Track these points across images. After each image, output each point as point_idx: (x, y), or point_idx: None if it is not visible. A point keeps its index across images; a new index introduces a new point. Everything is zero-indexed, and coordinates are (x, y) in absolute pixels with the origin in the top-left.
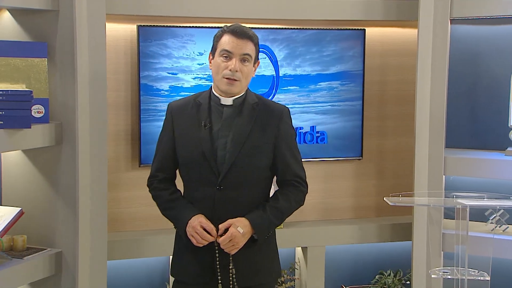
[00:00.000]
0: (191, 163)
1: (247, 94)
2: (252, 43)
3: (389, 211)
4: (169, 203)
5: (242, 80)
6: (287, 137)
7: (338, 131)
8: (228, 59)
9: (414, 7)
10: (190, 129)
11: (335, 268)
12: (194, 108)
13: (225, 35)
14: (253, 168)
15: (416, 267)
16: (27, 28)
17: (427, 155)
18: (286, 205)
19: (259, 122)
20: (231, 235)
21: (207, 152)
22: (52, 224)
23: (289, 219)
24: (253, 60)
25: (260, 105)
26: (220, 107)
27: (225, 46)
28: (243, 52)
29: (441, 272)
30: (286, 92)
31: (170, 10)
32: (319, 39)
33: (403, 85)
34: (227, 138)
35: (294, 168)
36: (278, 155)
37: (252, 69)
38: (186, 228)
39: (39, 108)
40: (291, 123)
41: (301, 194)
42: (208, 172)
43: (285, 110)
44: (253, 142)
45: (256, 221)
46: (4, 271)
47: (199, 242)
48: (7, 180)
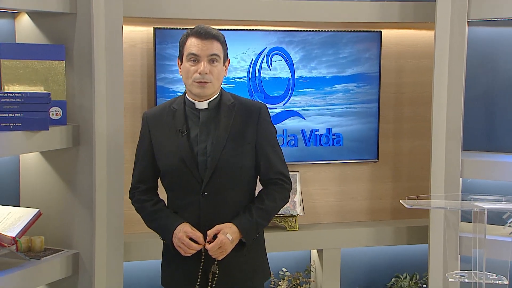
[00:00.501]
0: (172, 171)
1: (222, 95)
2: (218, 42)
3: (405, 213)
4: (153, 215)
5: (213, 81)
6: (267, 135)
7: (354, 134)
8: (196, 63)
9: (431, 9)
10: (168, 137)
11: (350, 271)
12: (169, 115)
13: (189, 39)
14: (236, 170)
15: (432, 270)
16: (46, 31)
17: (444, 157)
18: (272, 205)
19: (238, 122)
20: (220, 242)
21: (187, 159)
22: (69, 225)
23: (305, 221)
24: (222, 59)
25: (236, 104)
26: (196, 112)
27: (191, 50)
28: (210, 53)
29: (458, 275)
30: (301, 94)
31: (186, 12)
32: (335, 41)
33: (420, 87)
34: (206, 143)
35: (277, 165)
36: (260, 154)
37: (222, 69)
38: (172, 238)
39: (56, 110)
40: (270, 120)
41: (286, 191)
42: (190, 179)
43: (263, 107)
44: (234, 143)
45: (244, 226)
46: (22, 272)
47: (186, 252)
48: (25, 181)
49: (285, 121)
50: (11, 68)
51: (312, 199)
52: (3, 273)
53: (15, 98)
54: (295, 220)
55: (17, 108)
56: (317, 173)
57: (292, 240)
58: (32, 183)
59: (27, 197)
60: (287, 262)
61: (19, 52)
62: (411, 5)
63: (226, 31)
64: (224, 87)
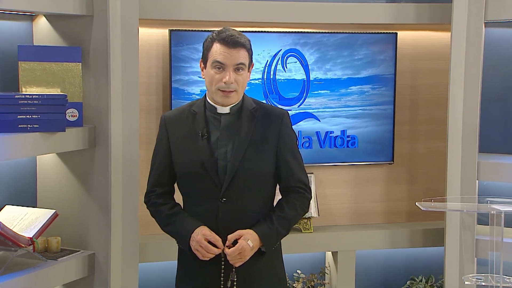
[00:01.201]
0: (190, 176)
1: (244, 100)
2: (244, 50)
3: (420, 216)
4: (169, 218)
5: (238, 90)
6: (289, 142)
7: (369, 135)
8: (221, 70)
9: (447, 10)
10: (187, 140)
11: (365, 273)
12: (189, 118)
13: (215, 44)
14: (257, 177)
15: (448, 273)
16: (63, 33)
17: (460, 159)
18: (293, 213)
19: (259, 128)
20: (241, 248)
21: (207, 163)
22: (85, 226)
23: (320, 223)
24: (247, 66)
25: (258, 110)
26: (217, 116)
27: (217, 57)
28: (236, 62)
29: (475, 278)
30: (316, 96)
31: (201, 14)
32: (350, 43)
33: (435, 89)
34: (227, 147)
35: (298, 174)
36: (280, 161)
37: (247, 75)
38: (189, 242)
39: (73, 111)
40: (291, 126)
41: (306, 200)
42: (209, 184)
43: (285, 113)
44: (255, 149)
45: (265, 234)
46: (39, 272)
47: (205, 256)
48: (42, 182)
49: (300, 123)
50: (28, 70)
51: (327, 201)
52: (21, 274)
53: (33, 100)
54: (309, 222)
55: (35, 109)
56: (332, 175)
57: (306, 242)
58: (48, 184)
59: (44, 198)
60: (302, 264)
61: (37, 54)
62: (427, 6)
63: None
64: None
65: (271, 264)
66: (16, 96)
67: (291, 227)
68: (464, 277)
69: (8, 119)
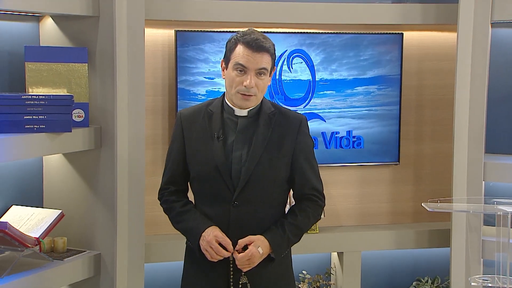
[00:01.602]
0: (203, 177)
1: (262, 103)
2: (268, 54)
3: (426, 217)
4: (181, 215)
5: (258, 94)
6: (305, 149)
7: (375, 136)
8: (243, 73)
9: (453, 11)
10: (202, 141)
11: (371, 274)
12: (205, 118)
13: (239, 46)
14: (271, 182)
15: (454, 274)
16: (69, 34)
17: (466, 160)
18: (305, 221)
19: (276, 132)
20: (250, 255)
21: (221, 166)
22: (91, 227)
23: (325, 223)
24: (269, 71)
25: (277, 114)
26: (234, 118)
27: (240, 60)
28: (259, 66)
29: (481, 280)
30: (322, 97)
31: (207, 15)
32: (356, 44)
33: (441, 90)
34: (242, 151)
35: (313, 181)
36: (296, 168)
37: (268, 80)
38: (199, 241)
39: (79, 112)
40: (308, 133)
41: (319, 208)
42: (222, 187)
43: (303, 119)
44: (270, 154)
45: (276, 242)
46: (45, 272)
47: (214, 257)
48: (48, 182)
49: None
50: (35, 71)
51: (333, 202)
52: (27, 274)
53: (39, 101)
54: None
55: (41, 110)
56: (337, 175)
57: (312, 243)
58: (55, 184)
59: (50, 199)
60: (307, 264)
61: (43, 55)
62: (433, 6)
63: None
64: None
65: (282, 273)
66: (23, 96)
67: (303, 234)
68: (470, 278)
69: (14, 119)
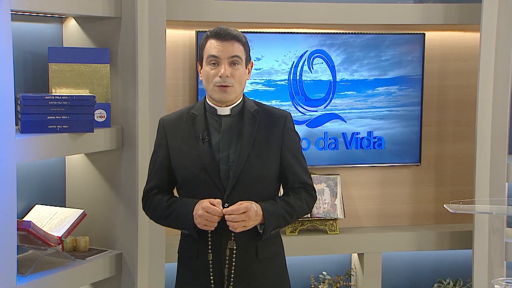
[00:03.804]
0: (192, 180)
1: (245, 101)
2: (239, 43)
3: (448, 218)
4: (168, 208)
5: (235, 85)
6: (293, 145)
7: (396, 137)
8: (216, 66)
9: (476, 10)
10: (187, 144)
11: (392, 275)
12: (188, 121)
13: (209, 41)
14: (260, 181)
15: (477, 277)
16: (91, 34)
17: (489, 161)
18: (298, 202)
19: (262, 131)
20: (246, 207)
21: (209, 167)
22: (113, 226)
23: (346, 224)
24: (244, 61)
25: (260, 112)
26: (217, 118)
27: (211, 52)
28: (230, 54)
29: (505, 282)
30: (343, 97)
31: (227, 15)
32: (377, 44)
33: (464, 90)
34: (229, 151)
35: (302, 176)
36: (285, 165)
37: (245, 72)
38: (194, 220)
39: (101, 112)
40: (294, 128)
41: (312, 198)
42: (212, 189)
43: (288, 115)
44: (258, 153)
45: (268, 209)
46: (67, 271)
47: (213, 221)
48: (70, 182)
49: (326, 124)
50: (58, 72)
51: (353, 203)
52: (50, 272)
53: (62, 101)
54: (335, 223)
55: (64, 110)
56: (358, 176)
57: (332, 244)
58: (77, 184)
59: (72, 198)
60: (328, 265)
61: (66, 56)
62: (455, 6)
63: (267, 34)
64: (266, 90)
65: (276, 273)
66: (46, 97)
67: (294, 216)
68: (493, 281)
69: (38, 119)
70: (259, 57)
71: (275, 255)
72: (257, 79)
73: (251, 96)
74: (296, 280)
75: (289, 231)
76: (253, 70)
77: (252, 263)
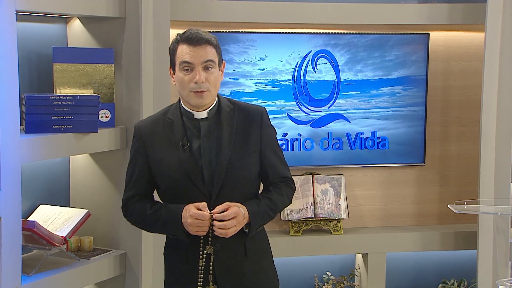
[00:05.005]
0: (176, 188)
1: (219, 101)
2: (211, 47)
3: (452, 218)
4: (154, 216)
5: (211, 89)
6: (271, 140)
7: (400, 137)
8: (190, 71)
9: (481, 10)
10: (167, 152)
11: (396, 276)
12: (166, 127)
13: (180, 46)
14: (245, 181)
15: (481, 277)
16: (95, 35)
17: (493, 161)
18: (279, 198)
19: (240, 129)
20: (235, 213)
21: (192, 174)
22: (117, 226)
23: (350, 224)
24: (217, 64)
25: (236, 110)
26: (195, 122)
27: (184, 58)
28: (204, 59)
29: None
30: (347, 97)
31: (231, 16)
32: (381, 44)
33: (468, 90)
34: (210, 156)
35: (282, 170)
36: (265, 162)
37: (219, 74)
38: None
39: (105, 112)
40: (270, 123)
41: (291, 191)
42: (197, 195)
43: (263, 111)
44: (239, 154)
45: (253, 209)
46: (72, 271)
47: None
48: (75, 182)
49: (330, 124)
50: (63, 72)
51: (357, 203)
52: (54, 272)
53: (67, 101)
54: (339, 224)
55: (68, 110)
56: (362, 176)
57: (336, 244)
58: (81, 184)
59: (77, 198)
60: (331, 265)
61: (71, 56)
62: (460, 6)
63: (271, 34)
64: (270, 90)
65: (262, 267)
66: (51, 97)
67: (277, 211)
68: (498, 282)
69: (43, 119)
70: (263, 57)
71: (262, 251)
72: (261, 79)
73: (256, 97)
74: (300, 280)
75: (293, 231)
76: (257, 70)
77: (242, 261)
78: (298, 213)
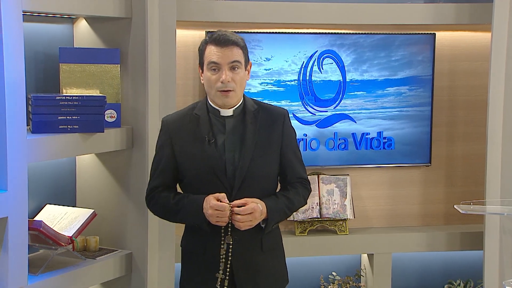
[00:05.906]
0: (199, 180)
1: (245, 101)
2: (238, 48)
3: (458, 219)
4: (177, 205)
5: (236, 89)
6: (291, 142)
7: (406, 137)
8: (217, 71)
9: (488, 10)
10: (193, 145)
11: (402, 276)
12: (192, 122)
13: (208, 46)
14: (265, 178)
15: (488, 278)
16: (101, 35)
17: (500, 162)
18: (297, 197)
19: (263, 130)
20: (252, 208)
21: (216, 168)
22: (123, 226)
23: (356, 225)
24: (243, 64)
25: (260, 111)
26: (221, 119)
27: (211, 58)
28: (230, 60)
29: None
30: (353, 98)
31: (237, 16)
32: (387, 44)
33: (474, 90)
34: (234, 152)
35: (299, 171)
36: (284, 162)
37: (245, 75)
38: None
39: (111, 113)
40: (291, 125)
41: (307, 192)
42: (219, 188)
43: (286, 113)
44: (261, 152)
45: (271, 205)
46: (78, 271)
47: (224, 216)
48: (81, 182)
49: (335, 124)
50: (69, 72)
51: (363, 203)
52: (60, 272)
53: (73, 101)
54: (345, 224)
55: (74, 111)
56: (368, 176)
57: (342, 244)
58: (87, 184)
59: (83, 198)
60: (337, 266)
61: (77, 56)
62: (466, 6)
63: (277, 34)
64: (275, 90)
65: (274, 263)
66: (57, 97)
67: (293, 210)
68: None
69: (49, 120)
70: (269, 57)
71: (276, 247)
72: (266, 79)
73: (261, 97)
74: (306, 280)
75: (299, 231)
76: (263, 71)
77: (257, 255)
78: (304, 213)
